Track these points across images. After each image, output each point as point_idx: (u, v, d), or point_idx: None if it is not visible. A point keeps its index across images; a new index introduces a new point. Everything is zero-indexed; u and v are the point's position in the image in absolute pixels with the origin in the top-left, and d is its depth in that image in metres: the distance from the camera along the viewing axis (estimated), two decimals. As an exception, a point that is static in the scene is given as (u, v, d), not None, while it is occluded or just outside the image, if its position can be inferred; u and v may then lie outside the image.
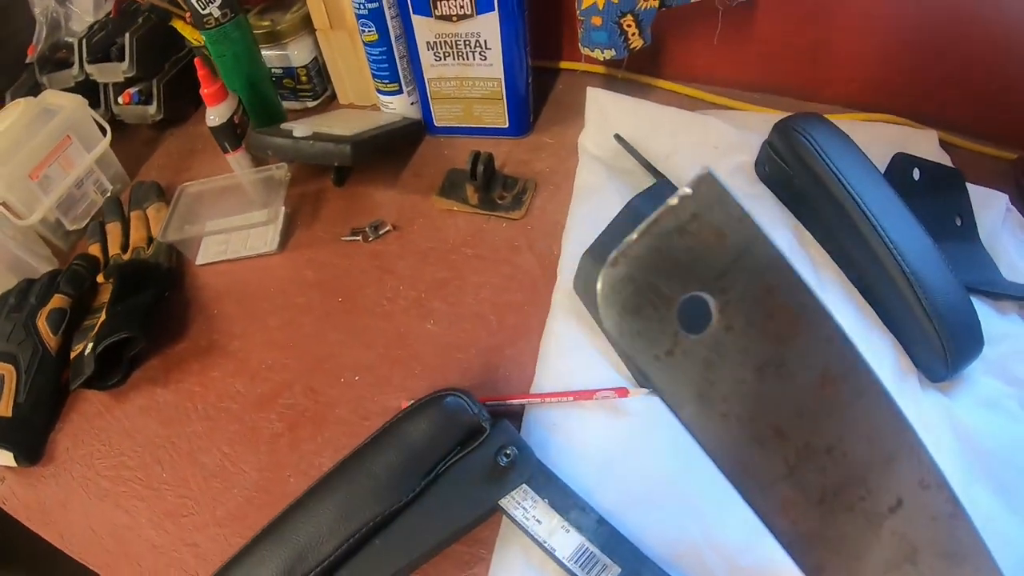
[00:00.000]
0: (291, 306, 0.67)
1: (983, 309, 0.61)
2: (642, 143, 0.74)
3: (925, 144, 0.76)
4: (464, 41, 0.72)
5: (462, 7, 0.69)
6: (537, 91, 0.81)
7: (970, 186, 0.70)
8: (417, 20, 0.71)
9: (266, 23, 0.80)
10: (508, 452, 0.50)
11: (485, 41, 0.71)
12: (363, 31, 0.74)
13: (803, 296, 0.28)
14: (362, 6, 0.72)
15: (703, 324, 0.28)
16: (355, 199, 0.75)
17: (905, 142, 0.73)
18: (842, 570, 0.32)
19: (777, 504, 0.30)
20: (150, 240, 0.75)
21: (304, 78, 0.82)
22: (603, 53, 0.72)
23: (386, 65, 0.76)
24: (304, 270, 0.70)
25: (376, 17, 0.73)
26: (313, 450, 0.59)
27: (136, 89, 0.84)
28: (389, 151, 0.77)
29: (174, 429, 0.62)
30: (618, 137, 0.73)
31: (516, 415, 0.57)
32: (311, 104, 0.85)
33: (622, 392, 0.55)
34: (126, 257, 0.74)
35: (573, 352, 0.59)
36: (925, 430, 0.53)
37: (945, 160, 0.75)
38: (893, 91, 0.79)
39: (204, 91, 0.72)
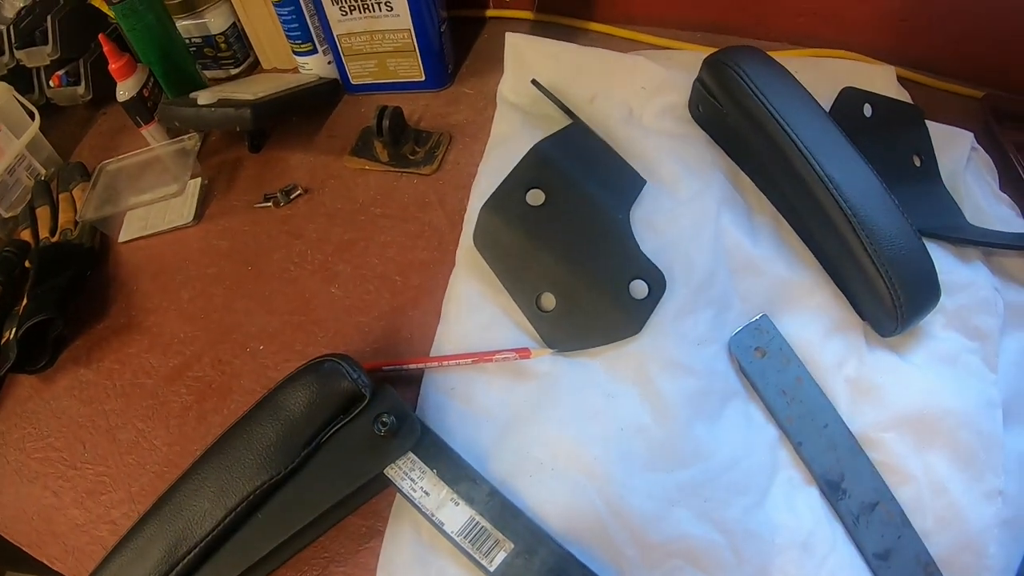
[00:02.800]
0: (203, 277, 0.64)
1: (943, 256, 0.55)
2: (564, 88, 0.67)
3: (881, 80, 0.68)
4: (367, -8, 0.65)
5: (360, -43, 0.63)
6: (459, 41, 0.75)
7: (931, 124, 0.62)
8: (319, -25, 0.65)
9: (181, -8, 0.75)
10: (385, 420, 0.46)
11: (389, -10, 0.65)
12: (271, -9, 0.69)
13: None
14: (266, -35, 0.67)
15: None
16: (270, 164, 0.70)
17: (858, 79, 0.65)
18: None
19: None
20: (77, 222, 0.71)
21: (224, 46, 0.76)
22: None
23: (296, 25, 0.70)
24: (217, 240, 0.65)
25: (279, -26, 0.67)
26: (218, 422, 0.56)
27: (64, 71, 0.80)
28: (303, 111, 0.72)
29: (95, 408, 0.60)
30: (535, 82, 0.66)
31: (416, 381, 0.52)
32: (234, 71, 0.79)
33: (524, 353, 0.50)
34: (54, 240, 0.70)
35: (475, 311, 0.54)
36: (868, 390, 0.47)
37: (904, 97, 0.67)
38: (846, 24, 0.70)
39: (112, 66, 0.68)
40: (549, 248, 0.53)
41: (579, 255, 0.53)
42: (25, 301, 0.63)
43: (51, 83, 0.81)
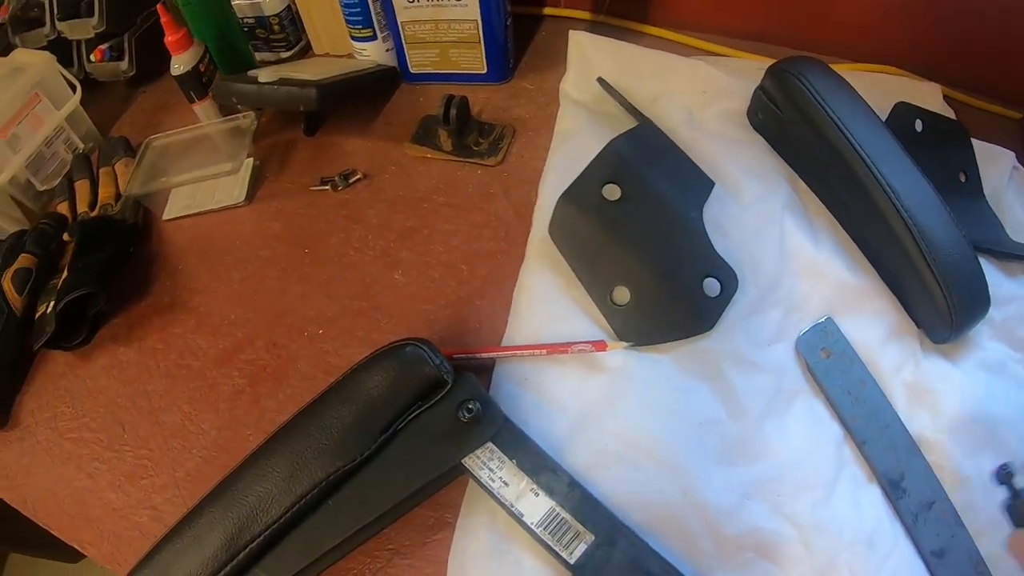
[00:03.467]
0: (256, 259, 0.61)
1: (989, 269, 0.55)
2: (626, 87, 0.67)
3: (928, 98, 0.69)
4: (437, -20, 0.64)
5: (434, -57, 0.62)
6: (518, 38, 0.73)
7: (975, 142, 0.63)
8: (386, -39, 0.64)
9: (238, -29, 0.73)
10: (470, 407, 0.44)
11: (459, -21, 0.64)
12: (334, -25, 0.67)
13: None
14: (331, -53, 0.65)
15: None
16: (326, 148, 0.68)
17: (907, 94, 0.66)
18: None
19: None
20: (119, 197, 0.68)
21: (277, 27, 0.75)
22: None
23: (358, 10, 0.68)
24: (271, 222, 0.63)
25: (345, -41, 0.66)
26: (274, 407, 0.54)
27: (107, 45, 0.78)
28: (360, 97, 0.70)
29: (136, 388, 0.57)
30: (601, 80, 0.65)
31: (486, 370, 0.51)
32: (285, 55, 0.78)
33: (600, 345, 0.49)
34: (94, 214, 0.68)
35: (548, 303, 0.52)
36: (924, 394, 0.47)
37: (949, 115, 0.67)
38: (896, 42, 0.71)
39: (168, 39, 0.66)
40: (624, 242, 0.52)
41: (654, 250, 0.52)
42: (65, 274, 0.61)
43: (92, 57, 0.78)
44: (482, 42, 0.68)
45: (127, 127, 0.78)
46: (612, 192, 0.53)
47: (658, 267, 0.52)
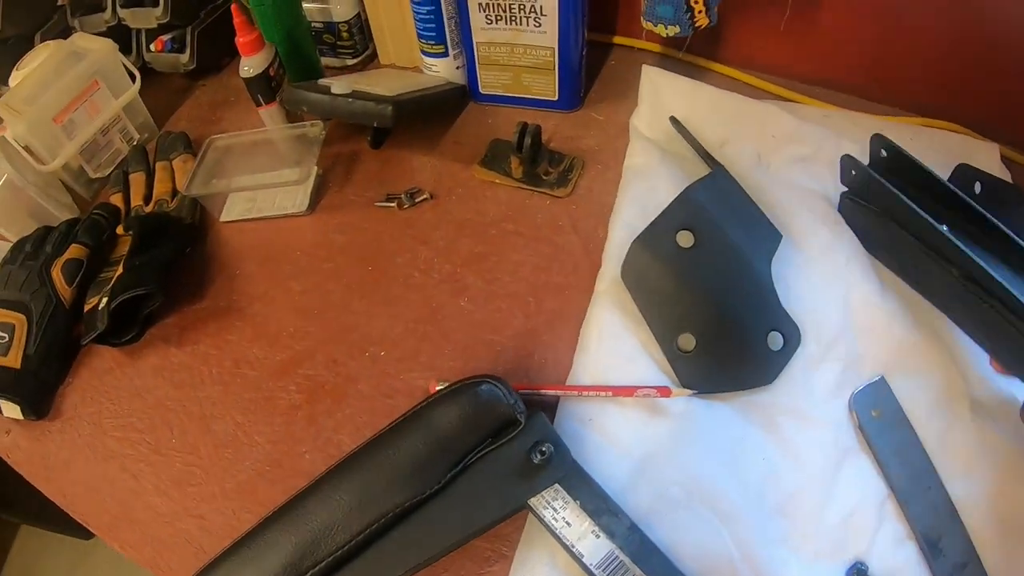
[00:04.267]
0: (317, 271, 0.60)
1: None
2: (696, 127, 0.66)
3: (986, 157, 0.69)
4: (519, 5, 0.64)
5: (519, -32, 0.61)
6: (589, 65, 0.73)
7: None
8: (470, -22, 0.63)
9: (309, -25, 0.72)
10: (544, 449, 0.43)
11: (541, 7, 0.63)
12: (413, -13, 0.66)
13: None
14: (413, -40, 0.65)
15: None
16: (391, 163, 0.68)
17: (965, 153, 0.67)
18: None
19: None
20: (175, 193, 0.68)
21: (345, 34, 0.74)
22: (667, 29, 0.64)
23: (433, 25, 0.67)
24: (333, 234, 0.62)
25: (425, -28, 0.65)
26: (332, 426, 0.53)
27: (169, 36, 0.77)
28: (431, 115, 0.69)
29: (187, 392, 0.56)
30: (674, 120, 0.65)
31: (549, 407, 0.50)
32: (351, 62, 0.77)
33: (664, 391, 0.48)
34: (148, 209, 0.67)
35: (615, 344, 0.52)
36: (965, 462, 0.49)
37: (1006, 176, 0.67)
38: (957, 98, 0.71)
39: (240, 40, 0.64)
40: (694, 290, 0.52)
41: (722, 301, 0.53)
42: (120, 271, 0.60)
43: (152, 47, 0.77)
44: (556, 69, 0.67)
45: (184, 121, 0.77)
46: (686, 239, 0.53)
47: (725, 317, 0.52)
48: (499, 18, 0.65)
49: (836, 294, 0.55)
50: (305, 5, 0.72)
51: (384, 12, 0.72)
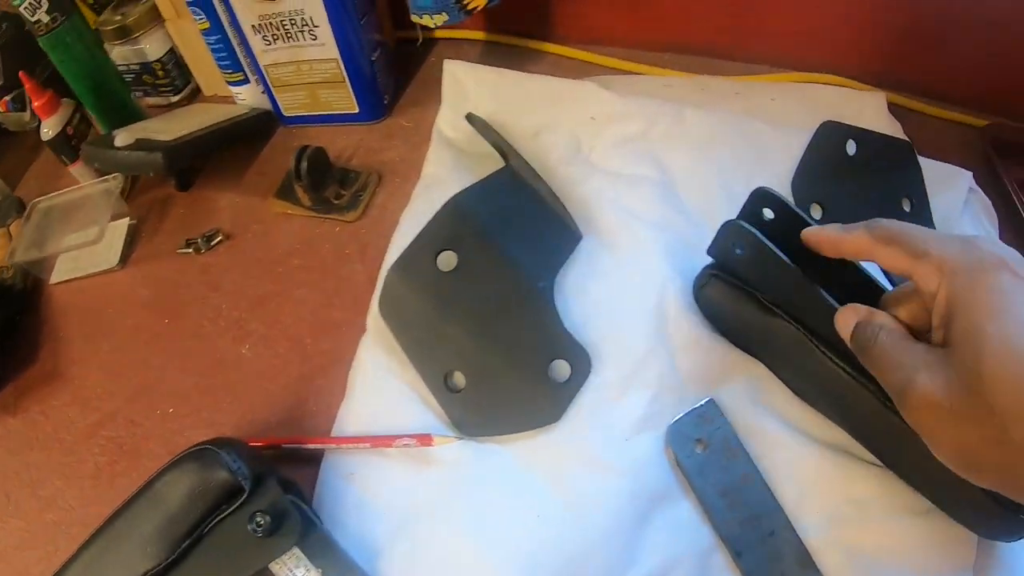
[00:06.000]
0: (122, 327, 0.60)
1: None
2: (507, 121, 0.61)
3: (870, 109, 0.60)
4: (289, 20, 0.60)
5: (279, -18, 0.57)
6: (402, 66, 0.68)
7: (925, 161, 0.55)
8: (236, 3, 0.60)
9: (117, 18, 0.70)
10: (260, 521, 0.42)
11: (311, 18, 0.59)
12: (195, 19, 0.63)
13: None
14: (187, -9, 0.62)
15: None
16: (197, 205, 0.66)
17: (845, 108, 0.58)
18: None
19: None
20: (14, 259, 0.68)
21: (161, 73, 0.72)
22: (433, 19, 0.58)
23: (225, 54, 0.65)
24: (140, 288, 0.62)
25: (202, 3, 0.63)
26: (126, 486, 0.52)
27: (10, 96, 0.76)
28: (232, 145, 0.66)
29: (20, 458, 0.57)
30: (471, 116, 0.60)
31: (319, 459, 0.48)
32: (174, 99, 0.75)
33: (425, 440, 0.45)
34: (-12, 278, 0.68)
35: (381, 387, 0.49)
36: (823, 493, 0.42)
37: (895, 129, 0.59)
38: (834, 45, 0.62)
39: (35, 104, 0.64)
40: (460, 321, 0.48)
41: (493, 330, 0.48)
42: (-46, 345, 0.61)
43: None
44: (347, 81, 0.63)
45: (33, 180, 0.77)
46: (448, 260, 0.49)
47: (497, 349, 0.47)
48: (275, 37, 0.61)
49: (647, 304, 0.49)
50: (117, 48, 0.71)
51: (193, 45, 0.70)
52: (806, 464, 0.43)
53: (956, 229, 0.53)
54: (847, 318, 0.35)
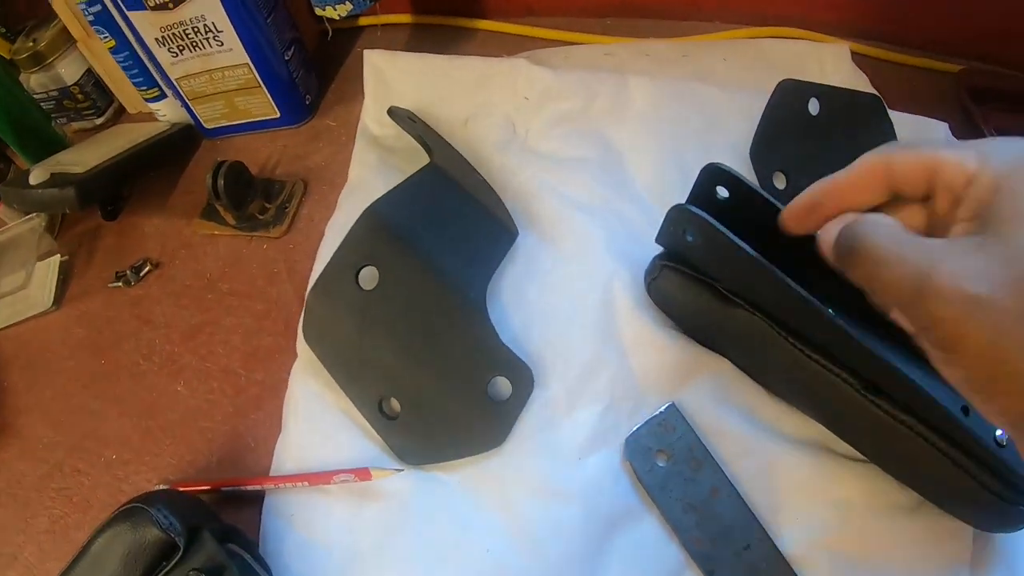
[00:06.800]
0: (63, 371, 0.58)
1: None
2: (435, 111, 0.57)
3: (832, 62, 0.56)
4: (192, 29, 0.55)
5: (173, -11, 0.53)
6: (328, 60, 0.63)
7: (896, 115, 0.50)
8: (135, 16, 0.55)
9: (30, 44, 0.66)
10: (194, 579, 0.39)
11: (213, 24, 0.55)
12: (101, 38, 0.59)
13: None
14: (87, 11, 0.58)
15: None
16: (127, 232, 0.62)
17: (805, 63, 0.54)
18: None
19: None
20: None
21: (81, 96, 0.68)
22: (336, 9, 0.53)
23: (137, 71, 0.61)
24: (75, 328, 0.59)
25: (104, 21, 0.58)
26: (81, 539, 0.50)
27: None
28: (155, 167, 0.62)
29: (-21, 517, 0.55)
30: (392, 111, 0.55)
31: (261, 499, 0.45)
32: (98, 121, 0.71)
33: (363, 474, 0.42)
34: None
35: (315, 419, 0.46)
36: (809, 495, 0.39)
37: (862, 82, 0.54)
38: None
39: (-59, 147, 0.60)
40: (388, 342, 0.44)
41: (424, 349, 0.44)
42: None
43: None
44: (263, 85, 0.58)
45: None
46: (369, 277, 0.45)
47: (430, 369, 0.44)
48: (181, 48, 0.57)
49: (592, 302, 0.45)
50: (33, 76, 0.67)
51: (109, 64, 0.65)
52: (780, 467, 0.40)
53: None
54: (828, 231, 0.30)
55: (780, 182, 0.49)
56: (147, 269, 0.57)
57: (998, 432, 0.32)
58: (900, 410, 0.34)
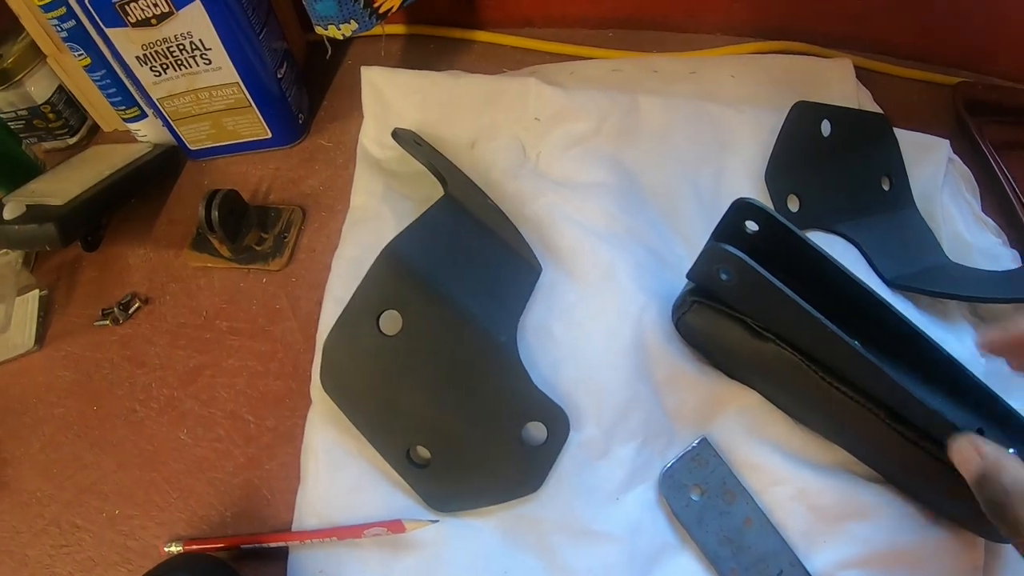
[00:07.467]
0: (50, 419, 0.54)
1: (920, 315, 0.44)
2: (438, 132, 0.54)
3: (837, 78, 0.55)
4: (177, 46, 0.51)
5: (157, 6, 0.49)
6: (316, 74, 0.59)
7: (901, 133, 0.50)
8: (113, 34, 0.51)
9: (-4, 61, 0.61)
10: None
11: (201, 41, 0.51)
12: (75, 56, 0.55)
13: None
14: (60, 27, 0.53)
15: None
16: (109, 264, 0.58)
17: (810, 79, 0.53)
18: None
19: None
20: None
21: (52, 115, 0.63)
22: (339, 29, 0.50)
23: (115, 90, 0.56)
24: (61, 371, 0.55)
25: (79, 37, 0.54)
26: None
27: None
28: (138, 193, 0.58)
29: (-26, 576, 0.51)
30: (396, 133, 0.52)
31: (284, 555, 0.42)
32: (71, 140, 0.66)
33: (396, 527, 0.40)
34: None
35: (338, 470, 0.43)
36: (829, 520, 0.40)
37: (866, 97, 0.54)
38: (794, 9, 0.54)
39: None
40: (415, 389, 0.42)
41: (454, 396, 0.42)
42: None
43: None
44: (254, 104, 0.54)
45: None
46: (392, 322, 0.42)
47: (462, 416, 0.42)
48: (165, 66, 0.52)
49: (623, 340, 0.43)
50: (1, 95, 0.61)
51: (82, 81, 0.60)
52: (809, 494, 0.40)
53: (937, 205, 0.49)
54: (967, 455, 0.31)
55: (794, 204, 0.49)
56: (136, 306, 0.53)
57: (1010, 451, 0.33)
58: (921, 436, 0.35)
